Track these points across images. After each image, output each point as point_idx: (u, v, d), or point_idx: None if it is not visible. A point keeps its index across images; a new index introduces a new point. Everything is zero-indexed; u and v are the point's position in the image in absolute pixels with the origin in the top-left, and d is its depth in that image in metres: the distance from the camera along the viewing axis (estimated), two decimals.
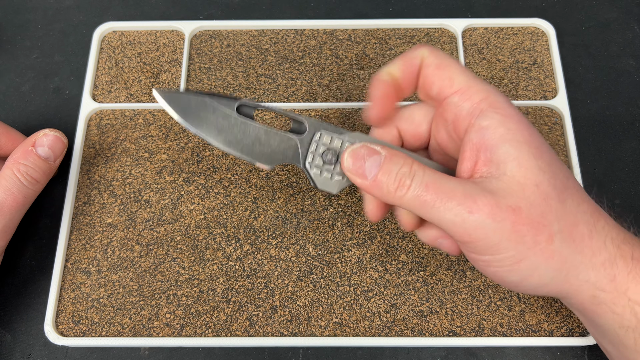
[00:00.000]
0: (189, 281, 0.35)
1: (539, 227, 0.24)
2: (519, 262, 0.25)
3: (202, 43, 0.43)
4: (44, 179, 0.35)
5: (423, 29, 0.43)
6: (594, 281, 0.25)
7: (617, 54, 0.43)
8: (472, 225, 0.24)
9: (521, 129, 0.26)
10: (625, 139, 0.40)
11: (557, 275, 0.25)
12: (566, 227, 0.25)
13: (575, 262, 0.25)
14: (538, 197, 0.25)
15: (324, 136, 0.29)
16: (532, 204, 0.25)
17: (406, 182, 0.25)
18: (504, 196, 0.24)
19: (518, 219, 0.24)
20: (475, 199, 0.24)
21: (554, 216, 0.25)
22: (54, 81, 0.43)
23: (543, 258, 0.25)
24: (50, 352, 0.35)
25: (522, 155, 0.25)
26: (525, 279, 0.26)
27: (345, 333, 0.34)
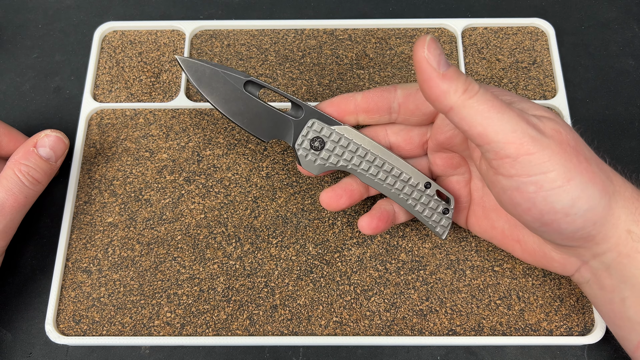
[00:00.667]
0: (190, 280, 0.36)
1: (577, 149, 0.26)
2: (570, 180, 0.25)
3: (203, 43, 0.43)
4: (45, 179, 0.35)
5: (423, 29, 0.43)
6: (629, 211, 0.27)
7: (617, 53, 0.43)
8: (530, 135, 0.25)
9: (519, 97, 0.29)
10: (624, 138, 0.40)
11: (602, 199, 0.26)
12: (594, 157, 0.27)
13: (611, 190, 0.27)
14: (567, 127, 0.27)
15: (315, 124, 0.32)
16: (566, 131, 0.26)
17: (475, 88, 0.25)
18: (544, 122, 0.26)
19: (561, 138, 0.26)
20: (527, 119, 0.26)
21: (584, 147, 0.27)
22: (54, 81, 0.43)
23: (588, 177, 0.26)
24: (51, 351, 0.35)
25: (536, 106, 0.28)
26: (577, 200, 0.26)
27: (345, 332, 0.34)
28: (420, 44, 0.25)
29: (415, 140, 0.33)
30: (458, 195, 0.34)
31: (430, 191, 0.33)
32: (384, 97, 0.32)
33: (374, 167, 0.32)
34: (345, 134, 0.32)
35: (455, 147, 0.32)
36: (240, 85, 0.33)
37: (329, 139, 0.32)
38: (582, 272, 0.30)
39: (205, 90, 0.33)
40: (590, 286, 0.30)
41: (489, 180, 0.28)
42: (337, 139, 0.32)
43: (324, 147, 0.32)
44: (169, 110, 0.41)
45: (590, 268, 0.30)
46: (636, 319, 0.28)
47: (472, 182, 0.34)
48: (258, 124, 0.33)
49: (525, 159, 0.25)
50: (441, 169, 0.33)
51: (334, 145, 0.32)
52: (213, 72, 0.33)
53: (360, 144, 0.32)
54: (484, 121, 0.25)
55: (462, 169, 0.33)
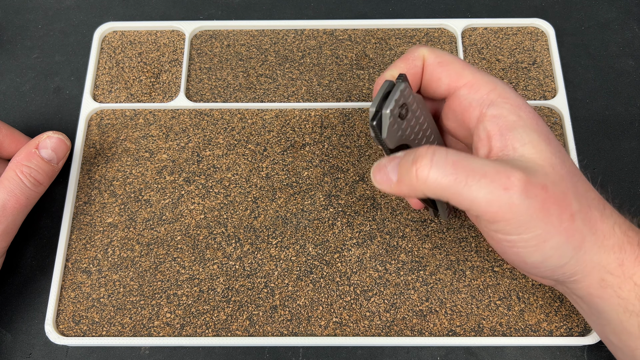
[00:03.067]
0: (189, 281, 0.35)
1: (562, 205, 0.25)
2: (545, 241, 0.25)
3: (203, 43, 0.43)
4: (46, 181, 0.35)
5: (423, 29, 0.43)
6: (605, 264, 0.26)
7: (617, 54, 0.43)
8: (506, 203, 0.24)
9: (530, 117, 0.27)
10: (624, 138, 0.40)
11: (575, 255, 0.26)
12: (582, 208, 0.26)
13: (590, 242, 0.26)
14: (556, 177, 0.25)
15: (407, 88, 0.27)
16: (555, 183, 0.25)
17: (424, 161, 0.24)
18: (533, 173, 0.24)
19: (547, 196, 0.24)
20: (509, 175, 0.24)
21: (572, 196, 0.25)
22: (54, 81, 0.43)
23: (566, 237, 0.25)
24: (51, 352, 0.35)
25: (535, 140, 0.26)
26: (548, 259, 0.26)
27: (345, 332, 0.34)
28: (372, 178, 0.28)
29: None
30: None
31: None
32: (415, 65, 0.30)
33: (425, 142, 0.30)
34: (421, 105, 0.29)
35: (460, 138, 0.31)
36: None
37: (411, 107, 0.28)
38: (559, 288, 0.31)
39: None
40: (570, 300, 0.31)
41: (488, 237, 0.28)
42: (416, 110, 0.28)
43: (406, 117, 0.28)
44: (169, 110, 0.41)
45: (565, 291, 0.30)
46: (617, 344, 0.28)
47: None
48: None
49: (501, 225, 0.25)
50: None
51: (413, 116, 0.28)
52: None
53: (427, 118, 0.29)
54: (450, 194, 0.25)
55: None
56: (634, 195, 0.38)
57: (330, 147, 0.39)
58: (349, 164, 0.39)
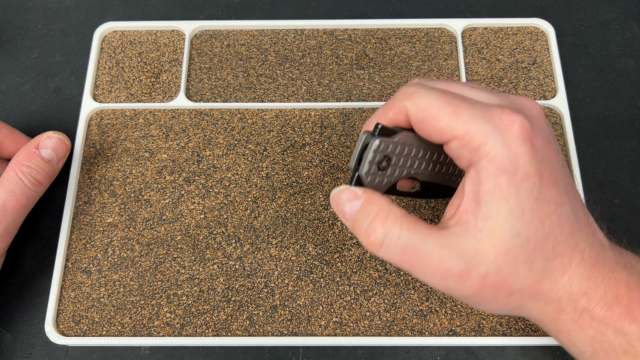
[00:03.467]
0: (189, 281, 0.35)
1: (501, 287, 0.26)
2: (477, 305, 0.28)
3: (203, 43, 0.43)
4: (47, 181, 0.35)
5: (423, 29, 0.43)
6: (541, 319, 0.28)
7: (617, 53, 0.43)
8: (443, 288, 0.27)
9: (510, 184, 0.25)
10: (624, 138, 0.40)
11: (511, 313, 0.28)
12: (528, 286, 0.26)
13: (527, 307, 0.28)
14: (504, 264, 0.26)
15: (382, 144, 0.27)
16: (499, 270, 0.26)
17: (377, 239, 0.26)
18: (476, 263, 0.26)
19: (484, 284, 0.26)
20: (450, 269, 0.26)
21: (516, 280, 0.26)
22: (54, 81, 0.43)
23: (498, 306, 0.27)
24: (51, 352, 0.35)
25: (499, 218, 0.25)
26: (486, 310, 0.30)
27: (345, 332, 0.34)
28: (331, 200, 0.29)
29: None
30: None
31: None
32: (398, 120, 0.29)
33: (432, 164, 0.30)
34: (409, 140, 0.28)
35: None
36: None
37: (394, 153, 0.28)
38: None
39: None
40: None
41: None
42: (402, 151, 0.28)
43: (389, 165, 0.28)
44: (169, 110, 0.41)
45: None
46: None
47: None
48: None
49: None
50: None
51: (400, 158, 0.28)
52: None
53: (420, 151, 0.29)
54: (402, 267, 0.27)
55: None
56: (634, 195, 0.38)
57: (330, 147, 0.39)
58: (349, 163, 0.39)
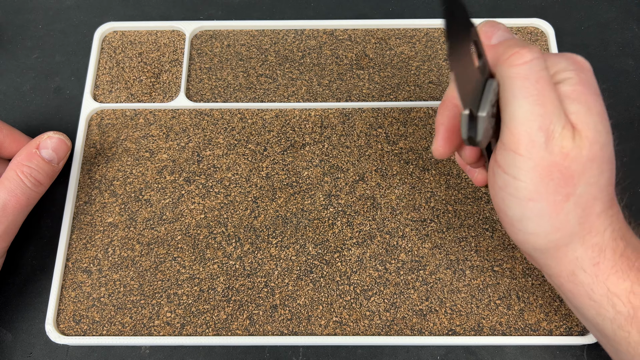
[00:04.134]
0: (190, 280, 0.36)
1: (566, 181, 0.25)
2: (530, 200, 0.25)
3: (203, 43, 0.43)
4: (47, 181, 0.35)
5: (423, 29, 0.43)
6: (579, 257, 0.26)
7: (616, 53, 0.43)
8: (531, 140, 0.24)
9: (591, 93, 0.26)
10: (624, 138, 0.40)
11: (552, 234, 0.26)
12: (586, 196, 0.25)
13: (572, 231, 0.26)
14: (586, 154, 0.25)
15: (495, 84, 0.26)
16: (576, 159, 0.25)
17: (526, 57, 0.24)
18: (564, 136, 0.24)
19: (558, 162, 0.24)
20: (548, 125, 0.24)
21: (584, 181, 0.25)
22: (54, 81, 0.43)
23: (549, 210, 0.25)
24: (51, 351, 0.35)
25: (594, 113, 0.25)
26: (526, 220, 0.26)
27: (345, 332, 0.34)
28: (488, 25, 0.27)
29: None
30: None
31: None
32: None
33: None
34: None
35: None
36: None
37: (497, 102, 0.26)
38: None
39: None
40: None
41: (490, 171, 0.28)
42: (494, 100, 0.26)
43: (498, 114, 0.26)
44: (169, 110, 0.41)
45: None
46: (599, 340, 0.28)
47: None
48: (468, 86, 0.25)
49: (511, 155, 0.25)
50: None
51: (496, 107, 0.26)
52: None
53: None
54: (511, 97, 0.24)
55: None
56: (634, 195, 0.38)
57: (330, 147, 0.39)
58: (349, 164, 0.39)
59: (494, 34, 0.27)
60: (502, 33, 0.27)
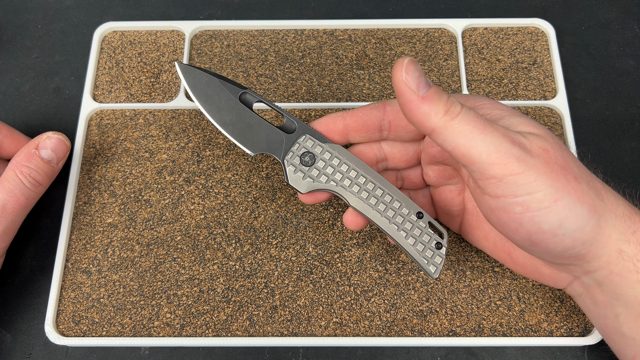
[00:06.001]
0: (189, 281, 0.35)
1: (565, 167, 0.26)
2: (556, 200, 0.25)
3: (203, 43, 0.43)
4: (46, 181, 0.35)
5: (423, 29, 0.43)
6: (620, 230, 0.26)
7: (617, 53, 0.43)
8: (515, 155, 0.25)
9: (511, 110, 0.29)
10: (625, 138, 0.40)
11: (591, 218, 0.26)
12: (584, 175, 0.26)
13: (601, 209, 0.26)
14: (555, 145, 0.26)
15: (307, 140, 0.32)
16: (554, 148, 0.26)
17: (457, 108, 0.25)
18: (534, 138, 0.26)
19: (549, 157, 0.25)
20: (512, 137, 0.25)
21: (573, 163, 0.26)
22: (54, 81, 0.43)
23: (576, 197, 0.25)
24: (51, 352, 0.35)
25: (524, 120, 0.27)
26: (565, 221, 0.25)
27: (345, 333, 0.34)
28: (398, 67, 0.25)
29: (410, 152, 0.33)
30: (451, 204, 0.33)
31: (423, 222, 0.31)
32: (374, 116, 0.31)
33: (364, 191, 0.31)
34: (337, 152, 0.31)
35: (447, 160, 0.31)
36: (236, 95, 0.33)
37: (320, 156, 0.31)
38: (574, 286, 0.30)
39: (200, 98, 0.33)
40: (584, 300, 0.30)
41: (477, 199, 0.28)
42: (328, 157, 0.31)
43: (314, 164, 0.31)
44: (169, 110, 0.41)
45: (582, 283, 0.29)
46: (630, 334, 0.28)
47: (465, 192, 0.33)
48: (248, 135, 0.32)
49: (511, 180, 0.25)
50: (434, 180, 0.33)
51: (325, 163, 0.31)
52: (210, 80, 0.33)
53: (352, 164, 0.31)
54: (467, 142, 0.25)
55: (455, 180, 0.33)
56: (634, 195, 0.38)
57: None
58: None
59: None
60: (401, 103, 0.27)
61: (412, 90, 0.25)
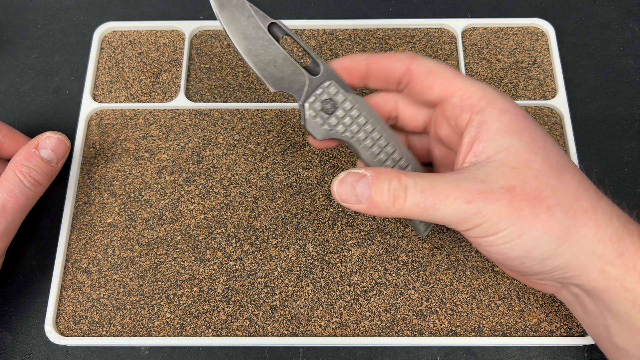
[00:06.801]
0: (189, 281, 0.35)
1: (536, 201, 0.26)
2: (520, 235, 0.26)
3: (203, 43, 0.43)
4: (46, 181, 0.35)
5: (423, 29, 0.43)
6: (602, 254, 0.26)
7: (617, 53, 0.43)
8: (472, 212, 0.26)
9: (515, 121, 0.27)
10: (625, 138, 0.40)
11: (561, 246, 0.26)
12: (566, 200, 0.26)
13: (579, 234, 0.26)
14: (530, 175, 0.26)
15: (331, 86, 0.31)
16: (525, 182, 0.26)
17: (401, 195, 0.27)
18: (495, 179, 0.26)
19: (513, 196, 0.26)
20: (469, 189, 0.26)
21: (550, 191, 0.26)
22: (54, 81, 0.43)
23: (544, 230, 0.26)
24: (51, 352, 0.35)
25: (513, 144, 0.27)
26: (529, 253, 0.26)
27: (345, 333, 0.34)
28: (333, 193, 0.28)
29: (420, 120, 0.33)
30: None
31: None
32: (396, 69, 0.31)
33: (377, 146, 0.31)
34: (358, 104, 0.31)
35: (453, 147, 0.31)
36: (264, 24, 0.31)
37: (341, 105, 0.31)
38: (563, 294, 0.30)
39: (226, 19, 0.30)
40: (574, 307, 0.30)
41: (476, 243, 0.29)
42: (349, 108, 0.31)
43: (334, 113, 0.31)
44: (169, 110, 0.41)
45: (570, 292, 0.29)
46: (622, 346, 0.28)
47: None
48: (272, 69, 0.31)
49: (473, 231, 0.26)
50: (439, 159, 0.33)
51: (345, 113, 0.31)
52: (240, 2, 0.30)
53: (370, 119, 0.31)
54: (425, 217, 0.26)
55: None
56: (634, 195, 0.38)
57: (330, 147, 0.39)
58: (349, 163, 0.39)
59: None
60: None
61: (357, 206, 0.28)
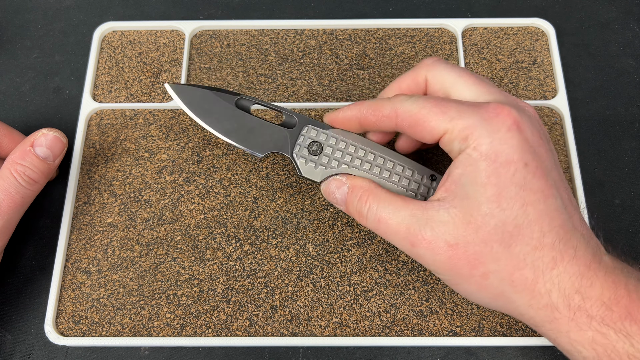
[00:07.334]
0: (189, 281, 0.35)
1: (473, 264, 0.27)
2: (457, 285, 0.28)
3: (203, 43, 0.43)
4: (42, 179, 0.35)
5: (423, 29, 0.43)
6: (533, 317, 0.27)
7: (617, 53, 0.43)
8: (415, 255, 0.28)
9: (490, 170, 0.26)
10: (625, 138, 0.40)
11: (496, 301, 0.28)
12: (505, 269, 0.26)
13: (512, 298, 0.27)
14: (476, 239, 0.26)
15: (310, 130, 0.33)
16: (469, 244, 0.27)
17: (363, 214, 0.30)
18: (444, 232, 0.27)
19: (454, 254, 0.27)
20: (417, 235, 0.27)
21: (491, 258, 0.26)
22: (54, 81, 0.43)
23: (477, 288, 0.27)
24: (51, 352, 0.35)
25: (475, 199, 0.26)
26: (470, 297, 0.29)
27: (345, 333, 0.34)
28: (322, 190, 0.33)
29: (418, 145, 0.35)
30: None
31: (437, 183, 0.32)
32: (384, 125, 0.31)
33: (376, 167, 0.32)
34: (342, 135, 0.32)
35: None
36: (232, 103, 0.34)
37: (326, 143, 0.32)
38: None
39: (198, 113, 0.34)
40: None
41: None
42: (334, 142, 0.32)
43: (322, 152, 0.32)
44: (169, 110, 0.41)
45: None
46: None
47: None
48: (253, 139, 0.33)
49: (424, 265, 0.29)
50: None
51: (332, 149, 0.32)
52: (204, 94, 0.34)
53: (358, 144, 0.32)
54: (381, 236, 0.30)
55: None
56: (634, 196, 0.38)
57: None
58: None
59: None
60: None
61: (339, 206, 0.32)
